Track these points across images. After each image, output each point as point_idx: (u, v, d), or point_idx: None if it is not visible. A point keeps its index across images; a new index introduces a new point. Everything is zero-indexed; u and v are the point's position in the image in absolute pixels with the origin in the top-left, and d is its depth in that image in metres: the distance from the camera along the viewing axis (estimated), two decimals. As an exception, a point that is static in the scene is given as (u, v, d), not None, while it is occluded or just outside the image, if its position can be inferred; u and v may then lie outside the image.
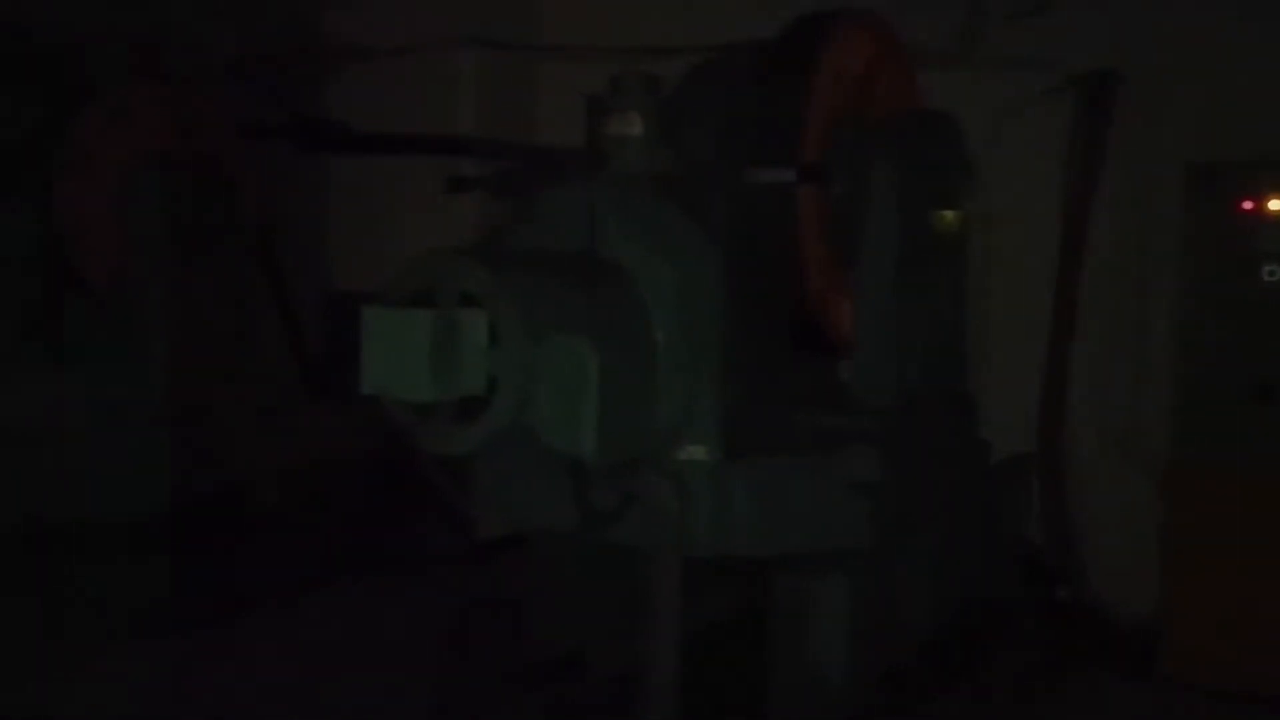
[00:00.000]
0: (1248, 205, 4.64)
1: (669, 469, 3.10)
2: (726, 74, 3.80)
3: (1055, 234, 5.28)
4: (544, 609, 3.82)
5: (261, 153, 6.03)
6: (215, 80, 5.91)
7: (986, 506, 4.41)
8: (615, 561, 3.29)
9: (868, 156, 3.64)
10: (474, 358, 2.76)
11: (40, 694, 4.21)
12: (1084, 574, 5.33)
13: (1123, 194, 5.25)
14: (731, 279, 3.26)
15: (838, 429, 3.61)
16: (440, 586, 5.31)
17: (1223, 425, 4.69)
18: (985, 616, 4.39)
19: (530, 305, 2.84)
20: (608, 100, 3.46)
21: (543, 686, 3.66)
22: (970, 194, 3.92)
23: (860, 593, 3.53)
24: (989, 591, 4.42)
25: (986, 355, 4.82)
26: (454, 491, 3.65)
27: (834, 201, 3.72)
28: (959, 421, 4.32)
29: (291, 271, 6.17)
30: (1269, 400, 4.60)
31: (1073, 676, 4.72)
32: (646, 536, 3.07)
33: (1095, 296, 5.30)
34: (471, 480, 3.55)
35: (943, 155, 3.91)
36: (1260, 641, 4.53)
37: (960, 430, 4.31)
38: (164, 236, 5.50)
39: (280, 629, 5.03)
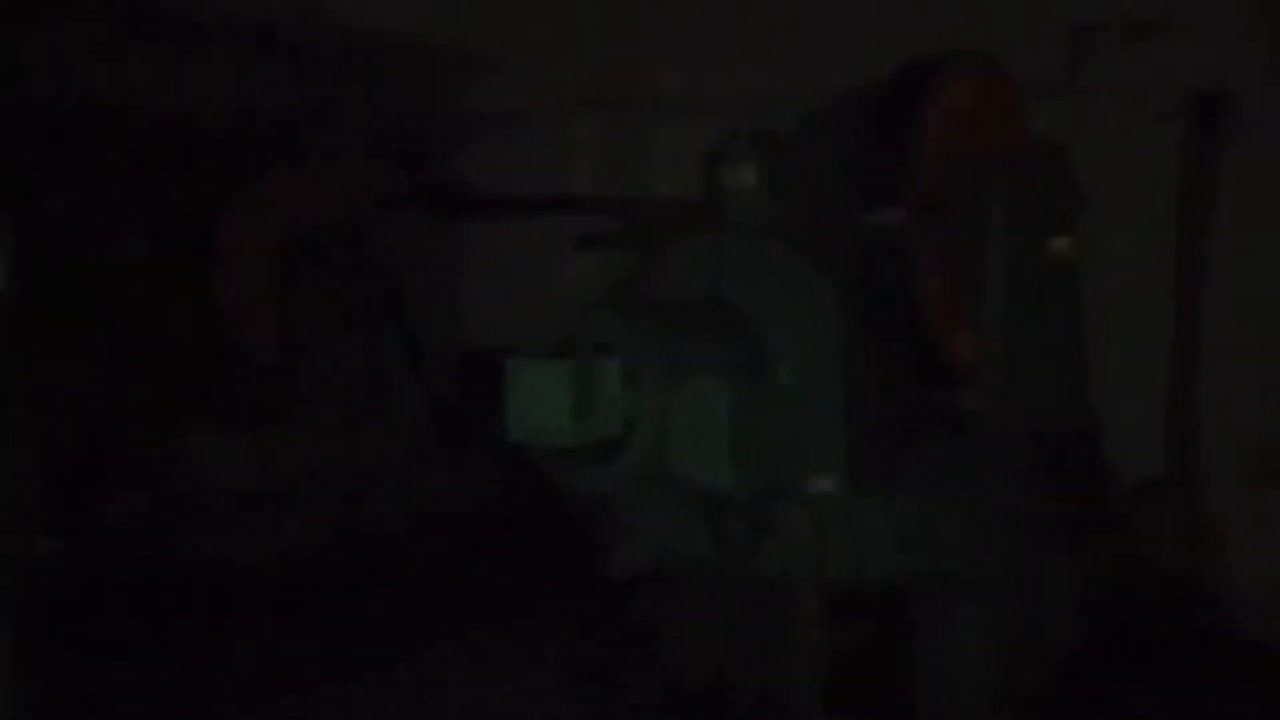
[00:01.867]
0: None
1: (801, 502, 3.22)
2: (838, 119, 3.95)
3: (1172, 257, 5.24)
4: (683, 640, 3.95)
5: (396, 222, 6.41)
6: (353, 155, 6.32)
7: (1120, 532, 4.38)
8: (752, 592, 3.42)
9: (980, 192, 3.73)
10: (611, 403, 2.97)
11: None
12: (1224, 598, 5.21)
13: (1241, 214, 5.19)
14: (852, 317, 3.39)
15: (964, 458, 3.68)
16: (579, 624, 5.46)
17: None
18: (1125, 643, 4.34)
19: (662, 351, 3.04)
20: (723, 154, 3.66)
21: (685, 715, 3.79)
22: (1083, 223, 3.96)
23: (996, 619, 3.57)
24: (1127, 617, 4.38)
25: (1112, 382, 4.80)
26: (594, 532, 3.84)
27: (949, 237, 3.81)
28: (1085, 449, 4.32)
29: (427, 332, 6.50)
30: None
31: (1214, 701, 4.61)
32: (782, 567, 3.19)
33: (1217, 318, 5.23)
34: (609, 522, 3.73)
35: (1054, 186, 3.97)
36: None
37: (1087, 457, 4.31)
38: (315, 308, 5.90)
39: (423, 677, 5.21)
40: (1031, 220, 3.83)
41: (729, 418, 2.96)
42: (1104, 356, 4.65)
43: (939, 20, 5.10)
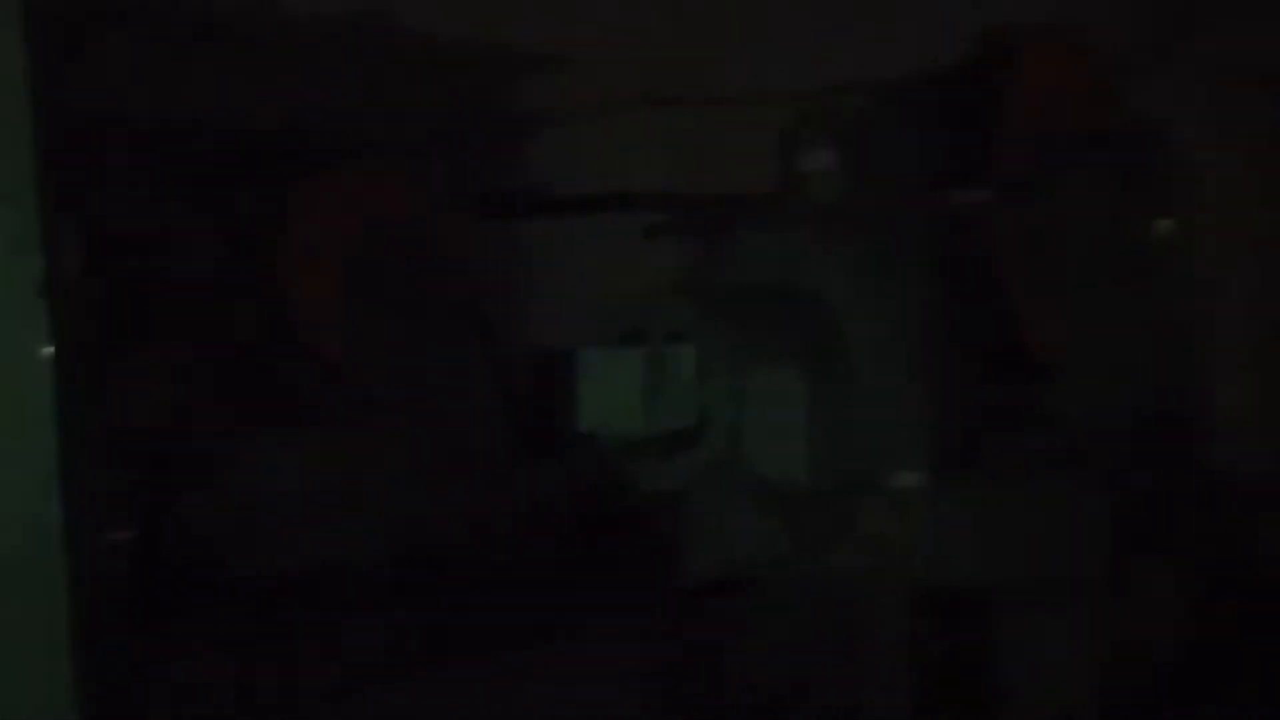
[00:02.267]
0: None
1: (883, 497, 3.08)
2: (915, 98, 3.79)
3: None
4: (760, 646, 3.81)
5: (462, 222, 6.37)
6: (418, 157, 6.31)
7: (1227, 531, 4.15)
8: (832, 593, 3.27)
9: (1068, 170, 3.55)
10: (683, 392, 2.86)
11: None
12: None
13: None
14: (935, 303, 3.24)
15: (1053, 451, 3.50)
16: (651, 632, 5.35)
17: None
18: (1229, 645, 4.11)
19: (735, 339, 2.92)
20: (796, 137, 3.52)
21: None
22: (1186, 202, 3.76)
23: (1087, 620, 3.39)
24: (1233, 618, 4.15)
25: (1224, 372, 4.55)
26: (665, 533, 3.73)
27: (1036, 218, 3.64)
28: (1187, 442, 4.10)
29: (497, 332, 6.46)
30: None
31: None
32: (863, 566, 3.05)
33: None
34: (678, 526, 3.61)
35: (1149, 164, 3.78)
36: None
37: (1190, 450, 4.09)
38: (383, 308, 5.88)
39: (487, 681, 5.14)
40: (1123, 200, 3.65)
41: (806, 408, 2.83)
42: (1225, 344, 4.39)
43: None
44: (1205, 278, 4.07)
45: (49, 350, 1.90)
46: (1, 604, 1.87)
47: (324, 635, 5.25)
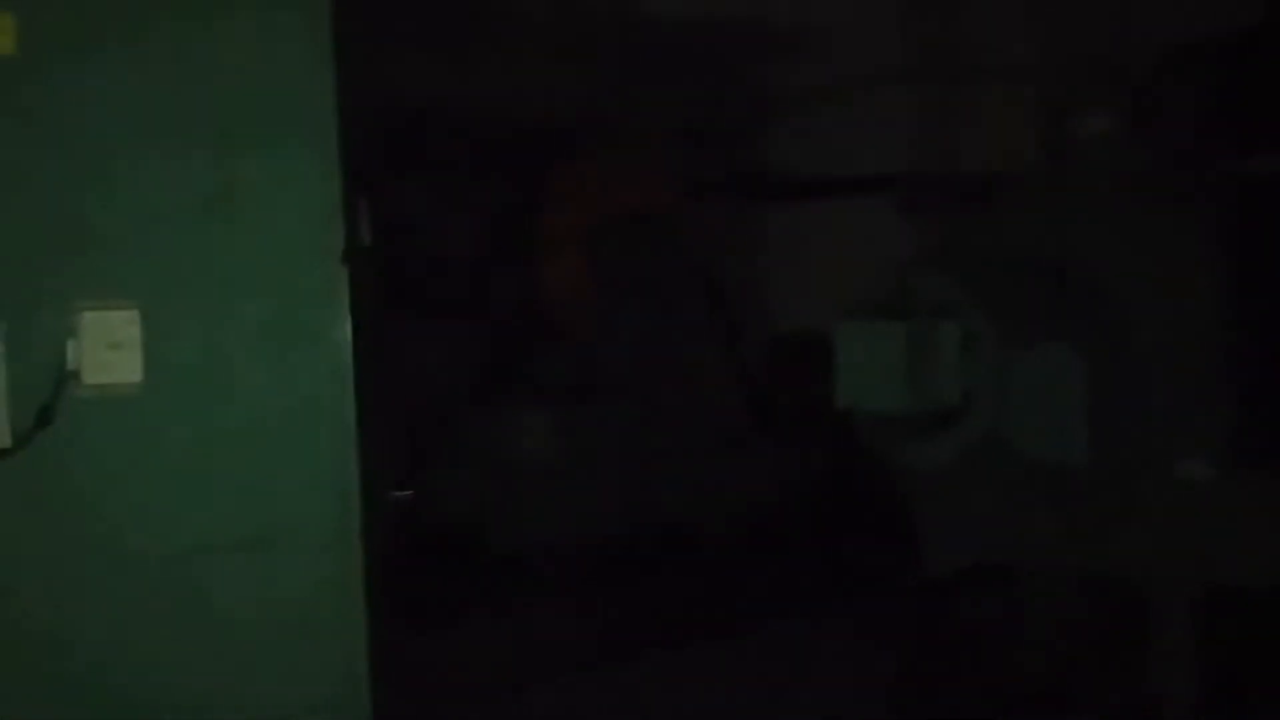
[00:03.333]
0: None
1: (1168, 485, 2.85)
2: (1204, 60, 3.49)
3: None
4: (1023, 640, 3.62)
5: (708, 206, 6.40)
6: (662, 142, 6.38)
7: None
8: (1108, 586, 3.06)
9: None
10: (948, 368, 2.74)
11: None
12: None
13: None
14: (1228, 277, 2.97)
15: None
16: (896, 619, 5.19)
17: None
18: None
19: (1004, 313, 2.78)
20: (1070, 103, 3.32)
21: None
22: None
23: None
24: None
25: None
26: (914, 521, 3.60)
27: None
28: None
29: (736, 315, 6.45)
30: None
31: None
32: (1145, 558, 2.84)
33: None
34: (931, 510, 3.47)
35: None
36: None
37: None
38: (628, 290, 6.00)
39: (725, 660, 5.11)
40: None
41: (1084, 388, 2.65)
42: None
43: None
44: None
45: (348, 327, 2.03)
46: (309, 557, 2.01)
47: (563, 606, 5.39)
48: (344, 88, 2.09)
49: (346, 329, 2.08)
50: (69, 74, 1.77)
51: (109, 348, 1.78)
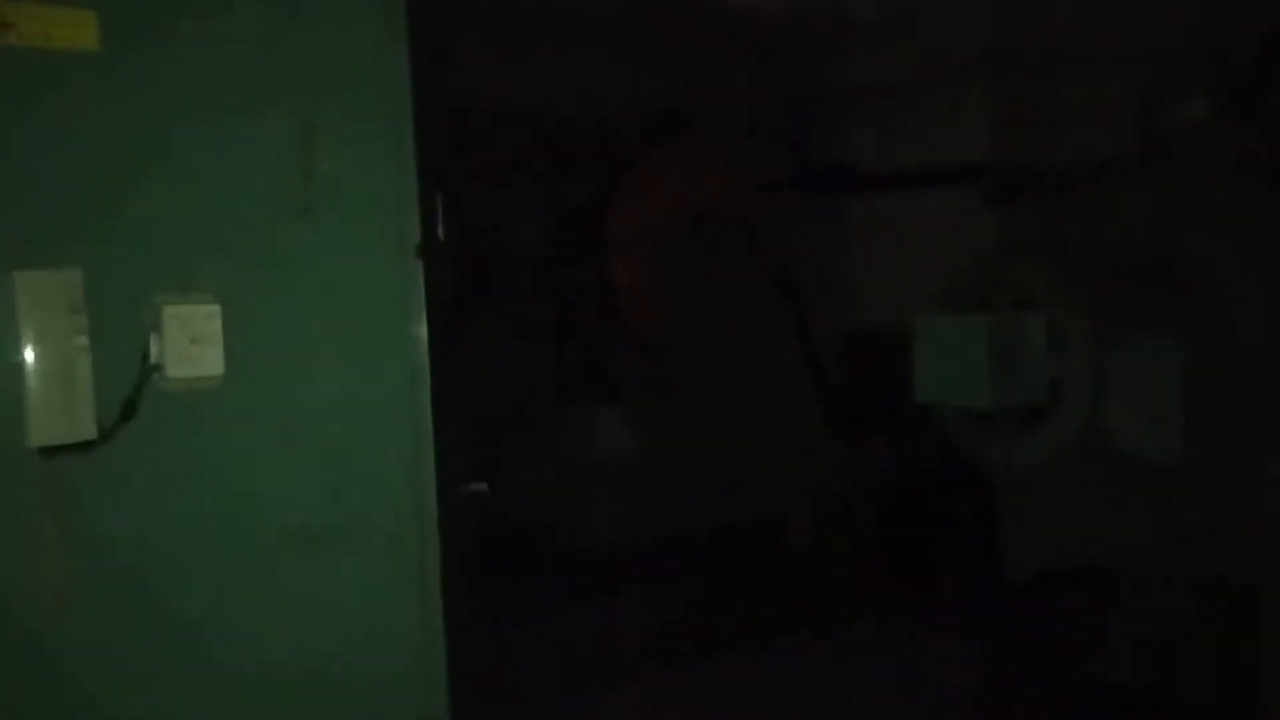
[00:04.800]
0: None
1: (1275, 484, 2.72)
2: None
3: None
4: (1107, 644, 3.50)
5: (780, 200, 6.33)
6: (734, 137, 6.32)
7: None
8: (1206, 591, 2.93)
9: None
10: (1034, 363, 2.65)
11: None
12: None
13: None
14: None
15: None
16: (974, 624, 5.07)
17: None
18: None
19: (1096, 306, 2.67)
20: (1168, 87, 3.19)
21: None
22: None
23: None
24: None
25: None
26: (996, 520, 3.49)
27: None
28: None
29: (810, 312, 6.37)
30: None
31: None
32: (1248, 563, 2.71)
33: None
34: (1014, 509, 3.37)
35: None
36: None
37: None
38: (699, 287, 5.95)
39: (801, 662, 5.03)
40: None
41: (1183, 383, 2.54)
42: None
43: None
44: None
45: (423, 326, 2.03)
46: (386, 551, 2.01)
47: (636, 604, 5.37)
48: (419, 82, 2.08)
49: (422, 322, 2.08)
50: (150, 69, 1.78)
51: (191, 341, 1.78)
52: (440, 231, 2.27)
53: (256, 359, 1.87)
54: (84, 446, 1.71)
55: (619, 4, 5.90)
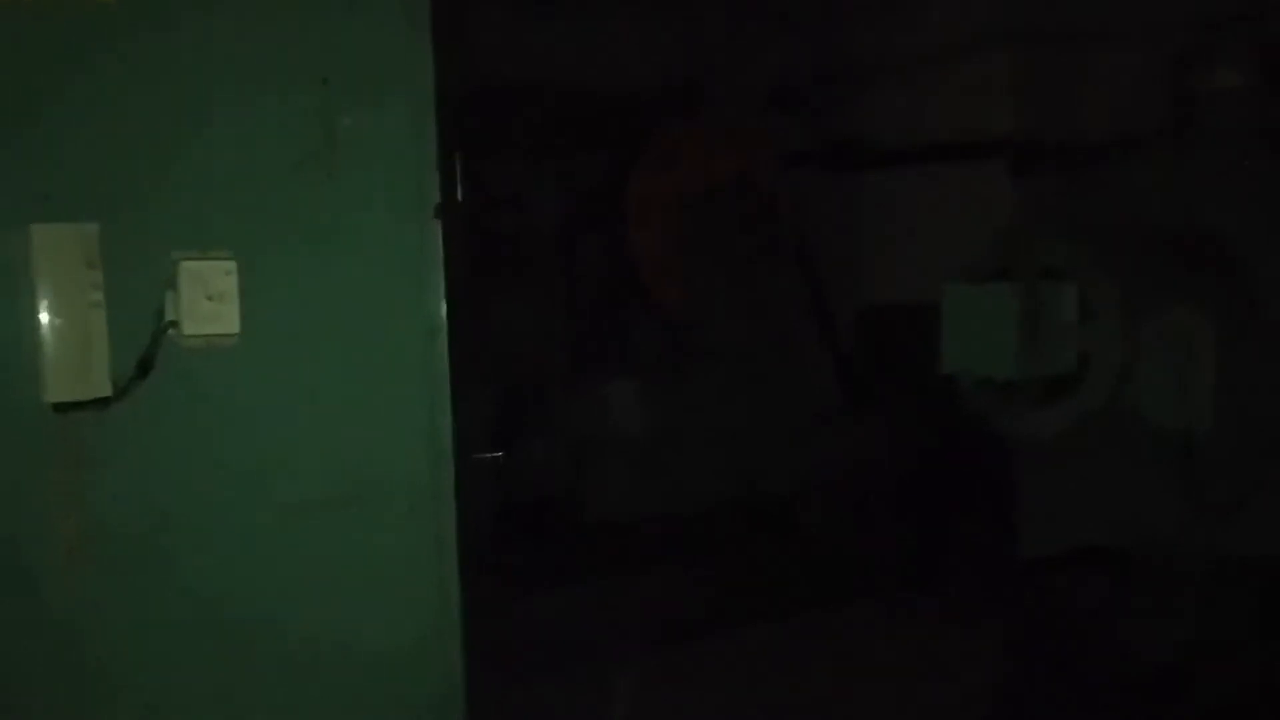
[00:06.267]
0: None
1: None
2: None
3: None
4: (1126, 625, 3.45)
5: (798, 173, 6.27)
6: (753, 110, 6.25)
7: None
8: (1234, 570, 2.89)
9: None
10: (1064, 333, 2.61)
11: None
12: None
13: None
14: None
15: None
16: (992, 602, 5.03)
17: None
18: None
19: (1125, 277, 2.63)
20: (1198, 56, 3.13)
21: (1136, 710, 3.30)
22: None
23: None
24: None
25: None
26: (1015, 496, 3.45)
27: None
28: None
29: (827, 285, 6.32)
30: None
31: None
32: (1274, 539, 2.67)
33: None
34: (1050, 482, 3.32)
35: None
36: None
37: None
38: (718, 260, 5.91)
39: (816, 639, 5.01)
40: None
41: (1212, 355, 2.49)
42: None
43: None
44: None
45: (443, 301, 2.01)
46: (402, 515, 1.99)
47: (652, 577, 5.36)
48: (440, 44, 2.05)
49: (440, 284, 2.05)
50: (168, 23, 1.75)
51: (207, 298, 1.76)
52: (460, 193, 2.23)
53: (273, 317, 1.84)
54: (99, 403, 1.69)
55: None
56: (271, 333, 1.84)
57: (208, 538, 1.81)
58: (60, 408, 1.67)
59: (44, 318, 1.64)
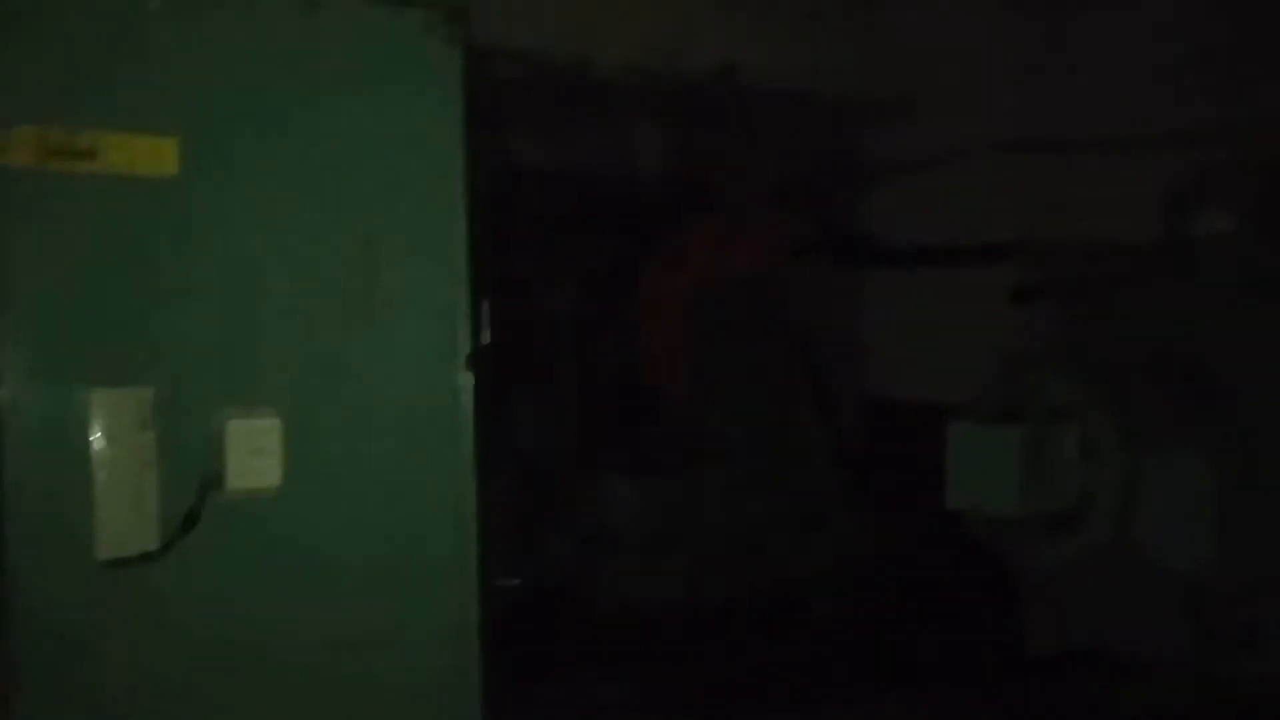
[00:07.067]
0: None
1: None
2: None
3: None
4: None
5: (804, 268, 6.38)
6: (763, 205, 6.38)
7: None
8: (1237, 699, 2.93)
9: None
10: (1066, 471, 2.69)
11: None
12: None
13: None
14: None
15: None
16: (992, 702, 5.02)
17: None
18: None
19: (1128, 416, 2.71)
20: (1189, 194, 3.25)
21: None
22: None
23: None
24: None
25: None
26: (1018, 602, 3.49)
27: None
28: None
29: (832, 379, 6.39)
30: None
31: None
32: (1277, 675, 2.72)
33: None
34: (1038, 593, 3.37)
35: None
36: None
37: None
38: (727, 358, 5.98)
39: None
40: None
41: (1214, 495, 2.57)
42: None
43: None
44: None
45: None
46: (431, 651, 2.06)
47: (661, 671, 5.35)
48: (472, 194, 2.17)
49: (471, 431, 2.13)
50: (224, 190, 1.86)
51: (252, 454, 1.84)
52: (487, 336, 2.33)
53: (312, 468, 1.92)
54: (144, 556, 1.76)
55: (648, 81, 6.02)
56: (310, 482, 1.92)
57: (250, 680, 1.87)
58: (109, 563, 1.74)
59: (99, 479, 1.71)
